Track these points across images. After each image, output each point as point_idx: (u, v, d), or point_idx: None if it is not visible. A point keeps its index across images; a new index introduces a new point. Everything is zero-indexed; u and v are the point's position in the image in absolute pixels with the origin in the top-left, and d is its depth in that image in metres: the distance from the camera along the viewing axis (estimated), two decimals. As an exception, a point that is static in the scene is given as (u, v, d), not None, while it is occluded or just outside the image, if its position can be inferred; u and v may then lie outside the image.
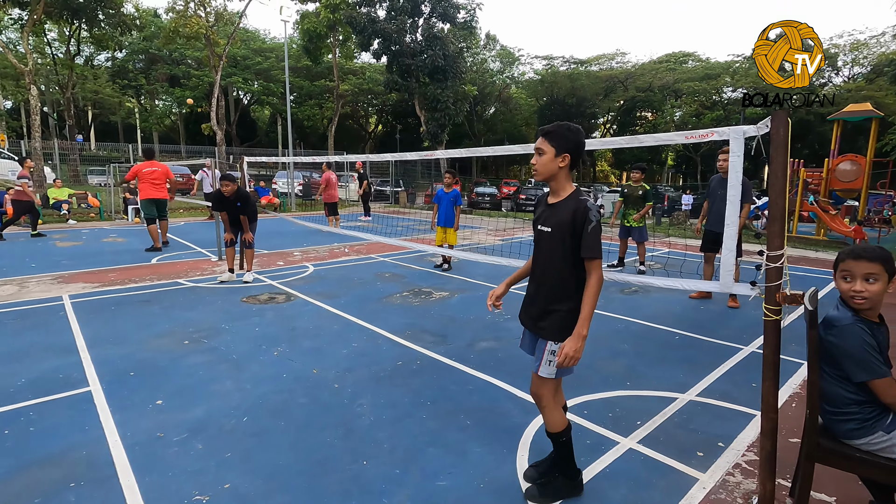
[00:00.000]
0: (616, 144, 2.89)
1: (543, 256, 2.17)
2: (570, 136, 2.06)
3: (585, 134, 2.29)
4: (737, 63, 40.15)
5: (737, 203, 2.30)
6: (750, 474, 2.47)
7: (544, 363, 2.13)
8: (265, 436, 2.77)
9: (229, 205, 6.51)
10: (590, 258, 2.00)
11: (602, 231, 2.03)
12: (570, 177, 2.12)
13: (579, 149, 2.09)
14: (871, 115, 15.38)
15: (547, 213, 2.12)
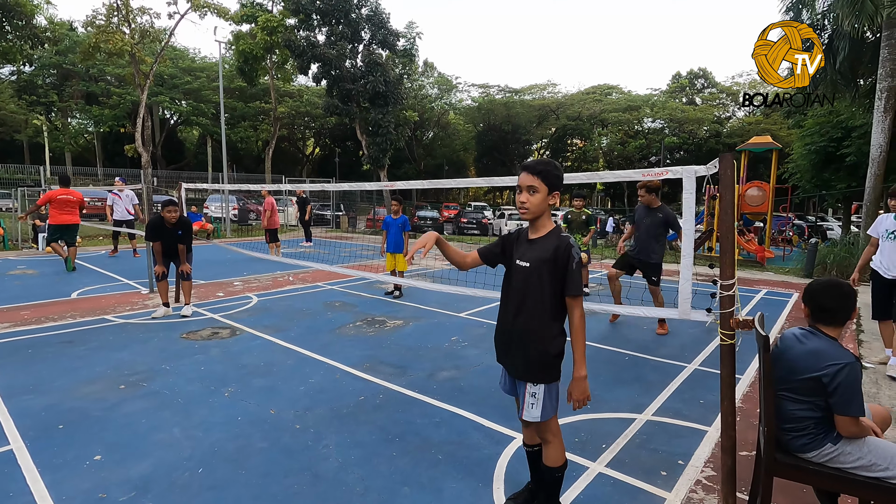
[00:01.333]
0: (579, 180, 3.05)
1: (517, 292, 2.14)
2: (559, 174, 2.11)
3: (522, 159, 2.40)
4: (654, 97, 43.73)
5: (691, 236, 2.49)
6: (710, 490, 2.62)
7: (527, 407, 2.13)
8: (224, 488, 2.57)
9: (168, 234, 6.08)
10: (574, 295, 2.05)
11: (581, 268, 2.12)
12: (550, 215, 2.18)
13: (562, 182, 2.16)
14: (771, 146, 17.22)
15: (525, 249, 2.15)
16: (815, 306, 2.09)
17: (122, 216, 11.34)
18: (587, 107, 41.92)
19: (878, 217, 4.49)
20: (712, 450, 3.02)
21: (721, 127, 41.14)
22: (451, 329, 5.76)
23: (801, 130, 21.70)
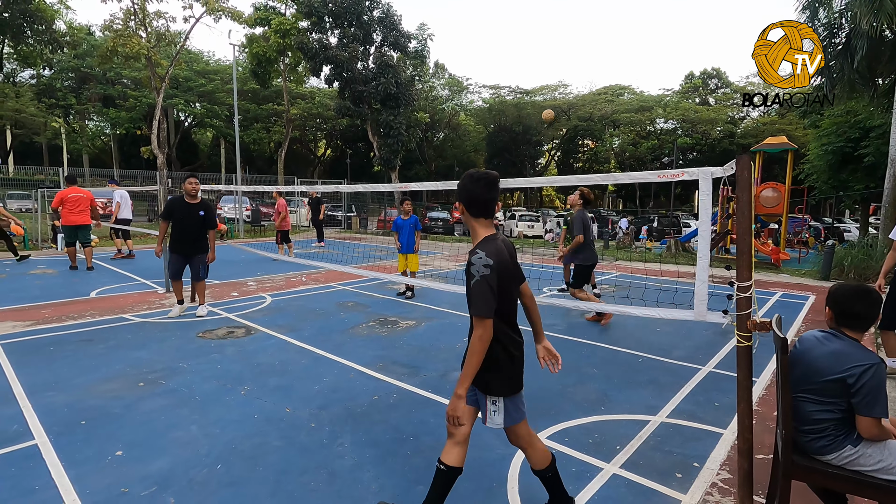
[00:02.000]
0: (594, 181, 3.05)
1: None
2: (461, 184, 2.10)
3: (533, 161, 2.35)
4: (667, 97, 43.33)
5: (707, 238, 2.48)
6: (726, 492, 2.60)
7: (489, 415, 2.12)
8: (242, 485, 2.62)
9: (190, 214, 5.76)
10: (472, 315, 1.96)
11: (486, 286, 1.93)
12: (483, 223, 2.10)
13: (471, 195, 2.08)
14: (786, 147, 16.99)
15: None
16: (840, 311, 2.06)
17: (127, 216, 11.58)
18: (599, 107, 41.68)
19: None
20: (728, 452, 3.00)
21: (735, 127, 40.66)
22: (462, 330, 5.77)
23: (818, 131, 21.37)
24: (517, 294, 2.24)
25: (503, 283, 2.01)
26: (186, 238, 5.79)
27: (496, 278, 1.96)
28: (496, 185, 2.10)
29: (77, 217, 9.21)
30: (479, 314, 1.94)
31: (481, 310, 1.93)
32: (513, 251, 2.23)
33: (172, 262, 5.99)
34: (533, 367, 4.48)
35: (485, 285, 1.94)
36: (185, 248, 5.81)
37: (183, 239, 5.78)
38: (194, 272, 6.07)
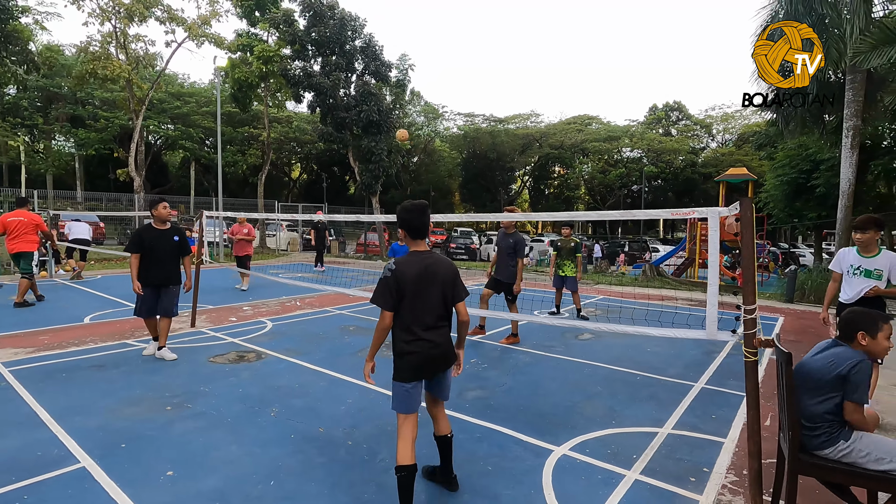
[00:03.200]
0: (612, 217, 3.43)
1: None
2: (398, 215, 2.73)
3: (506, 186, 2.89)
4: (633, 127, 45.47)
5: (716, 268, 2.87)
6: (736, 493, 2.93)
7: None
8: (299, 499, 2.79)
9: (162, 241, 5.29)
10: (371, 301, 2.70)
11: (384, 285, 2.60)
12: (416, 243, 2.75)
13: (406, 222, 2.72)
14: (747, 177, 18.22)
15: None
16: (850, 331, 2.47)
17: (81, 235, 11.74)
18: (569, 136, 43.32)
19: (839, 252, 4.35)
20: (731, 458, 3.35)
21: (696, 157, 42.87)
22: (467, 353, 6.02)
23: (774, 163, 22.92)
24: (433, 304, 2.70)
25: (401, 288, 2.60)
26: (159, 268, 5.29)
27: (395, 281, 2.59)
28: (426, 212, 2.73)
29: (16, 244, 8.21)
30: (374, 303, 2.65)
31: (377, 301, 2.62)
32: (435, 268, 2.70)
33: (144, 297, 5.30)
34: (546, 385, 4.78)
35: (383, 284, 2.61)
36: (159, 278, 5.30)
37: (155, 269, 5.27)
38: (165, 308, 5.39)
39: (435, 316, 2.71)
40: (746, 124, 42.48)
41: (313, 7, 21.42)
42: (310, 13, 21.69)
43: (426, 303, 2.68)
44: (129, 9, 17.81)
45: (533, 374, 5.15)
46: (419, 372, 2.71)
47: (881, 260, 3.76)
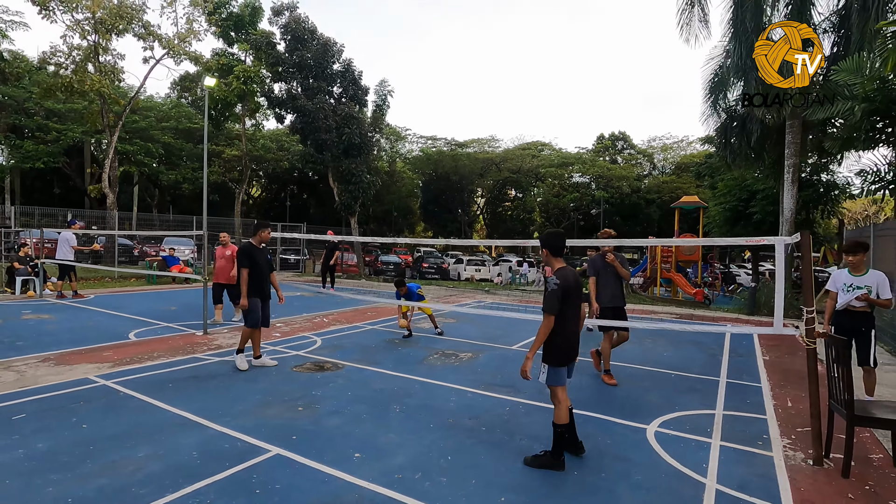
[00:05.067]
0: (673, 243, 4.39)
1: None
2: (548, 239, 3.62)
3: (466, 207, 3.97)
4: (584, 154, 48.55)
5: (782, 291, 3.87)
6: (795, 449, 3.90)
7: (541, 375, 3.58)
8: (484, 466, 3.46)
9: (264, 258, 5.96)
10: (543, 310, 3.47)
11: (553, 296, 3.37)
12: (558, 260, 3.56)
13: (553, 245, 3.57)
14: (698, 205, 20.30)
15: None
16: None
17: (67, 255, 11.40)
18: (525, 161, 45.62)
19: (834, 273, 5.18)
20: (779, 428, 4.35)
21: (640, 184, 46.35)
22: (517, 359, 6.81)
23: (716, 191, 25.60)
24: (576, 307, 3.57)
25: (564, 296, 3.39)
26: (259, 280, 5.91)
27: (561, 293, 3.35)
28: (564, 237, 3.67)
29: None
30: (547, 312, 3.40)
31: (549, 310, 3.39)
32: (577, 277, 3.58)
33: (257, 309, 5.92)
34: (601, 382, 5.58)
35: (552, 295, 3.36)
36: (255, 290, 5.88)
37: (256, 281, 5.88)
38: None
39: (576, 316, 3.56)
40: (683, 155, 46.63)
41: (293, 31, 21.91)
42: (289, 37, 22.15)
43: (573, 306, 3.51)
44: (109, 24, 17.50)
45: (588, 377, 6.02)
46: (568, 357, 3.54)
47: (870, 278, 4.94)
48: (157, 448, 3.62)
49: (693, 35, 15.52)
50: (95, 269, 15.97)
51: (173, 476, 3.21)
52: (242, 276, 5.79)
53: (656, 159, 49.43)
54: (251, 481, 3.18)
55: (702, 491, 3.22)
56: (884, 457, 3.83)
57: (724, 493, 3.19)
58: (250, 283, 5.80)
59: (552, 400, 3.57)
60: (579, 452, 3.70)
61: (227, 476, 3.23)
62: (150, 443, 3.71)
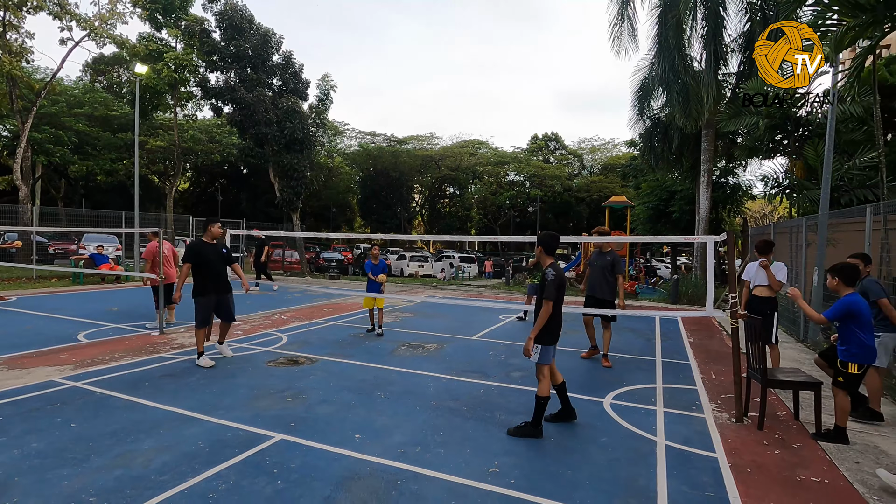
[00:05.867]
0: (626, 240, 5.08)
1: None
2: (544, 239, 4.16)
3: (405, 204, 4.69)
4: (519, 154, 50.37)
5: (711, 280, 4.66)
6: (722, 410, 4.72)
7: (533, 353, 4.03)
8: (474, 438, 3.91)
9: (215, 254, 6.04)
10: (544, 298, 3.98)
11: (553, 285, 3.91)
12: (550, 257, 4.13)
13: (548, 244, 4.12)
14: (626, 204, 21.97)
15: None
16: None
17: None
18: (464, 159, 46.60)
19: (748, 266, 6.11)
20: (708, 396, 5.18)
21: (571, 182, 48.90)
22: (480, 348, 7.33)
23: (640, 192, 27.77)
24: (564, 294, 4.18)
25: (559, 287, 3.99)
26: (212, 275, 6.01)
27: (557, 282, 3.93)
28: (558, 238, 4.24)
29: None
30: (547, 299, 3.92)
31: (550, 297, 3.92)
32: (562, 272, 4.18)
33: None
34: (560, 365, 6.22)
35: (552, 284, 3.92)
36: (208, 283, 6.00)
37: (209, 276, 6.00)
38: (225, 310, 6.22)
39: (561, 303, 4.13)
40: (610, 156, 49.75)
41: (230, 20, 21.09)
42: (226, 24, 21.29)
43: (563, 295, 4.09)
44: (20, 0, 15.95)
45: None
46: (556, 338, 4.09)
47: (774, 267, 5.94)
48: (161, 441, 3.74)
49: (623, 48, 16.87)
50: (10, 267, 14.69)
51: (188, 463, 3.38)
52: (182, 271, 5.95)
53: (585, 160, 52.30)
54: (266, 463, 3.42)
55: (655, 447, 3.89)
56: (786, 413, 4.74)
57: (673, 447, 3.88)
58: (198, 281, 5.93)
59: (538, 376, 4.08)
60: (573, 417, 4.33)
61: (241, 460, 3.46)
62: (152, 437, 3.81)
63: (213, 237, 6.18)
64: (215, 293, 6.07)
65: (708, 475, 3.44)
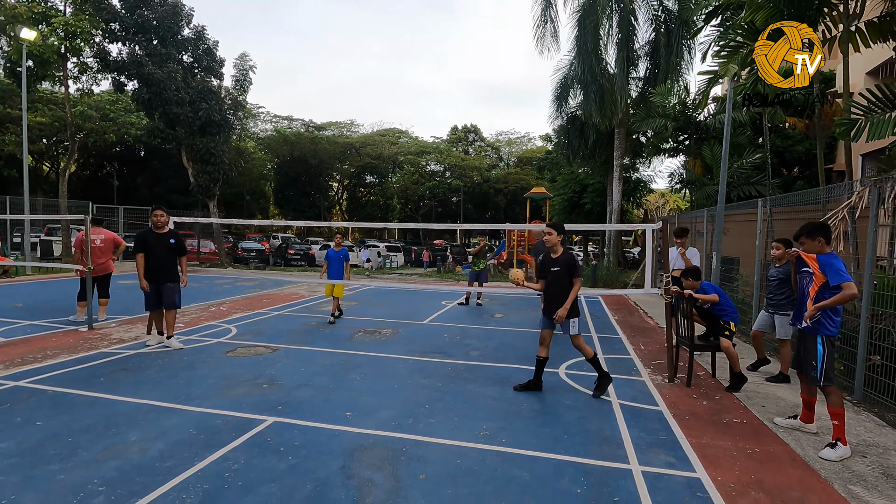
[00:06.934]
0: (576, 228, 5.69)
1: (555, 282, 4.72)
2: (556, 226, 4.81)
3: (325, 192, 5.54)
4: (440, 144, 51.00)
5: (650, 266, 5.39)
6: (656, 373, 5.52)
7: (571, 327, 4.65)
8: (458, 409, 4.27)
9: (161, 245, 6.09)
10: (578, 277, 4.67)
11: (581, 265, 4.71)
12: (563, 244, 4.79)
13: (562, 233, 4.79)
14: (545, 195, 23.35)
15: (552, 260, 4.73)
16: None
17: None
18: (385, 148, 46.26)
19: (668, 250, 7.90)
20: (642, 363, 5.99)
21: (489, 173, 50.54)
22: (434, 331, 7.69)
23: (556, 184, 29.61)
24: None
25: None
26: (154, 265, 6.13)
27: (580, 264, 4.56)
28: (563, 227, 4.80)
29: None
30: (580, 276, 4.56)
31: (581, 275, 4.58)
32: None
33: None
34: (511, 342, 6.80)
35: (581, 265, 4.54)
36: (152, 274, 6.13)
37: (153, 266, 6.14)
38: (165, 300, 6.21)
39: None
40: (525, 149, 52.08)
41: (133, -15, 19.17)
42: (127, -10, 19.32)
43: None
44: None
45: (495, 339, 7.20)
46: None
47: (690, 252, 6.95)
48: (146, 432, 3.66)
49: (546, 48, 17.91)
50: None
51: (188, 449, 3.39)
52: (137, 261, 6.11)
53: (503, 152, 54.26)
54: (268, 443, 3.53)
55: (611, 405, 4.52)
56: (705, 373, 5.65)
57: (625, 405, 4.53)
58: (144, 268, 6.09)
59: (580, 345, 4.72)
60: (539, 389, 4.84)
61: (243, 442, 3.52)
62: (134, 429, 3.72)
63: (157, 226, 6.18)
64: (155, 282, 6.11)
65: (657, 423, 4.11)
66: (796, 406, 4.47)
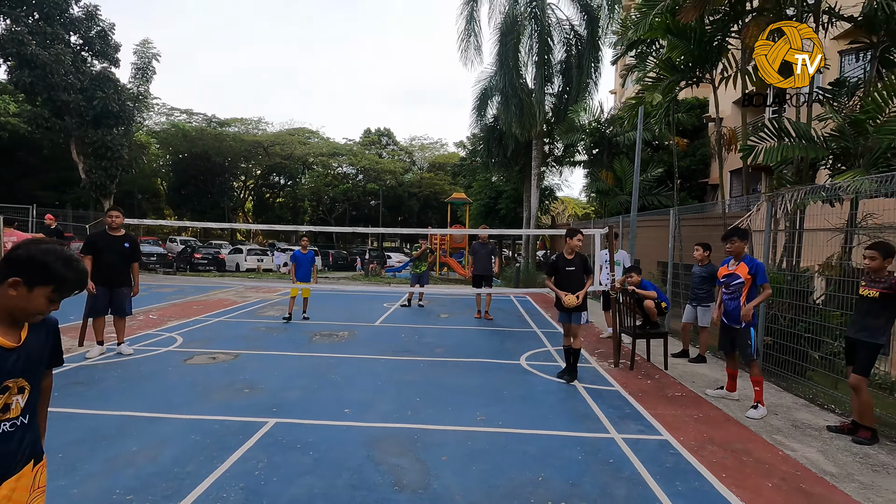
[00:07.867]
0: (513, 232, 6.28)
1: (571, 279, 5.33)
2: (572, 234, 5.41)
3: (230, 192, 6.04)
4: (353, 146, 50.31)
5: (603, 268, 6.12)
6: (602, 359, 6.27)
7: (582, 318, 5.29)
8: (449, 399, 4.59)
9: (114, 248, 5.75)
10: (590, 274, 5.36)
11: (551, 266, 5.44)
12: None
13: (571, 237, 5.44)
14: (465, 201, 24.32)
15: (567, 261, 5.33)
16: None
17: None
18: (295, 148, 44.62)
19: (597, 254, 8.41)
20: (586, 352, 6.75)
21: (403, 178, 50.90)
22: (390, 332, 7.88)
23: (472, 190, 30.79)
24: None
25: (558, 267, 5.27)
26: (109, 269, 5.81)
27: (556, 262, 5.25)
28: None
29: None
30: (592, 273, 5.20)
31: (591, 272, 5.16)
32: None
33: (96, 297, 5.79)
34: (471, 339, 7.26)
35: (551, 265, 5.20)
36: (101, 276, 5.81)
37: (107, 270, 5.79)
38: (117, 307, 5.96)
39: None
40: (438, 155, 53.23)
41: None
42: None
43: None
44: None
45: (452, 337, 7.59)
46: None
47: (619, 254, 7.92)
48: (145, 441, 3.54)
49: (469, 60, 18.73)
50: None
51: (202, 453, 3.35)
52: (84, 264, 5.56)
53: (416, 157, 54.93)
54: (283, 442, 3.59)
55: (576, 388, 5.14)
56: (640, 359, 6.53)
57: (587, 387, 5.18)
58: (92, 271, 5.62)
59: (578, 334, 5.36)
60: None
61: (255, 443, 3.55)
62: (129, 439, 3.56)
63: (111, 227, 5.85)
64: (108, 286, 5.76)
65: (618, 400, 4.79)
66: (716, 380, 5.44)
